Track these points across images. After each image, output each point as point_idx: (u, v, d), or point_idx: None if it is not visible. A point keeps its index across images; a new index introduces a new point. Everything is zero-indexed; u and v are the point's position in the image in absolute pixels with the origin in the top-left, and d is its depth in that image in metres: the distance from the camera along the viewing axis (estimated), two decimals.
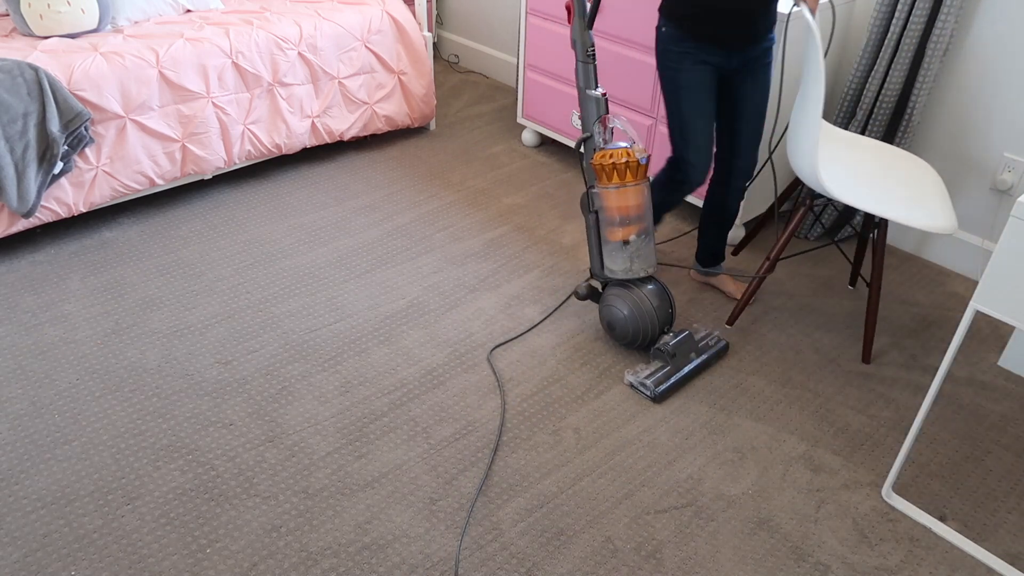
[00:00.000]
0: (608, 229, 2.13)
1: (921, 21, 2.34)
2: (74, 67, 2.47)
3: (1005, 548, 1.76)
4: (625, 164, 2.03)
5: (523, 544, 1.74)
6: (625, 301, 2.16)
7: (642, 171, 2.06)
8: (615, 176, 2.05)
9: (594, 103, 2.11)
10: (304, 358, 2.23)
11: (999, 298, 1.52)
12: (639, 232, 2.11)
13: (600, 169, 2.06)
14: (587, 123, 2.13)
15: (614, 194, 2.07)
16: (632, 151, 2.04)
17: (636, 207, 2.08)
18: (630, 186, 2.06)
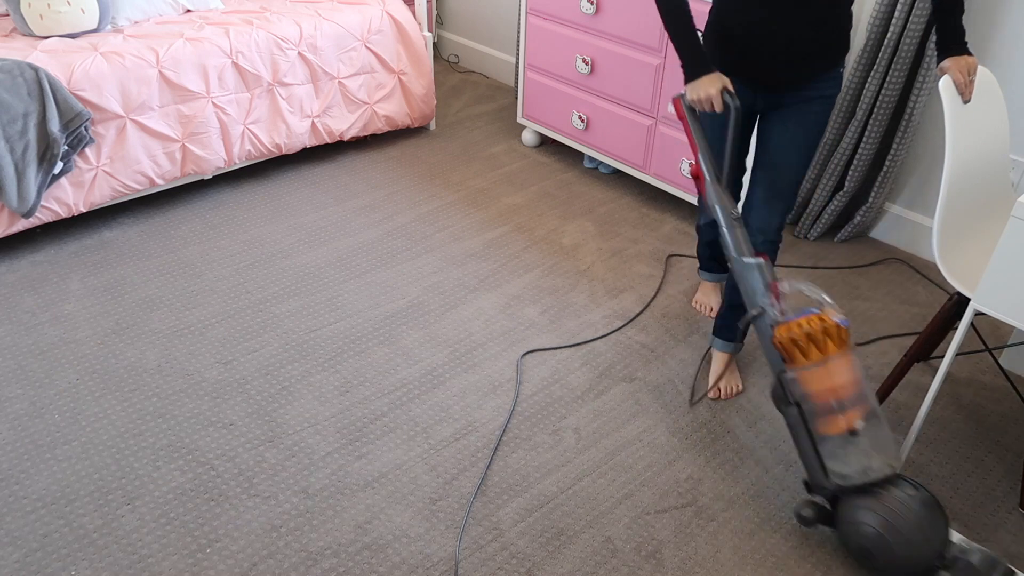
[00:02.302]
0: (821, 420, 1.61)
1: (921, 21, 2.34)
2: (74, 67, 2.47)
3: (1005, 548, 1.76)
4: (823, 332, 1.57)
5: (523, 544, 1.74)
6: (878, 515, 1.58)
7: (844, 337, 1.59)
8: (812, 351, 1.59)
9: (757, 272, 1.71)
10: (304, 358, 2.23)
11: (999, 298, 1.52)
12: (865, 415, 1.59)
13: (790, 346, 1.61)
14: (752, 298, 1.73)
15: (817, 374, 1.59)
16: (825, 314, 1.59)
17: (851, 384, 1.58)
18: (834, 359, 1.58)
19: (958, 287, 1.71)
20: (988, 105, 1.78)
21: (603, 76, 2.92)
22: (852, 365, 1.60)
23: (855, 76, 2.56)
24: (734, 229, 1.75)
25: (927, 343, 1.93)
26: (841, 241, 2.83)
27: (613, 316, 2.42)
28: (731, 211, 1.76)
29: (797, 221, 2.90)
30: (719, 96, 1.70)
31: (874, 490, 1.60)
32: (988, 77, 1.77)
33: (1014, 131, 2.42)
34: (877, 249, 2.80)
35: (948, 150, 1.66)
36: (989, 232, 1.86)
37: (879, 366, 2.27)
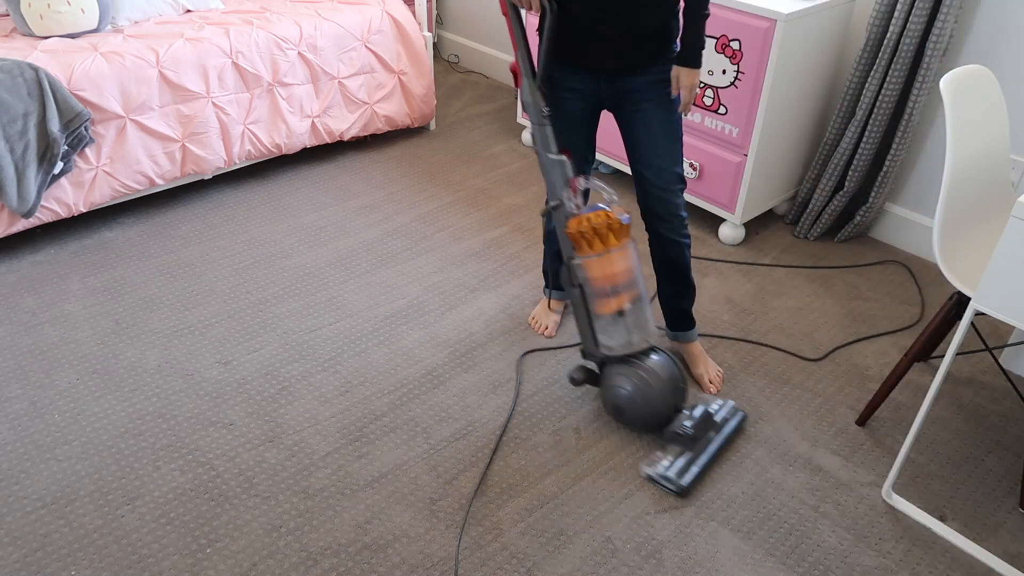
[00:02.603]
0: (597, 302, 1.87)
1: (921, 21, 2.34)
2: (74, 67, 2.47)
3: (1005, 548, 1.76)
4: (607, 227, 1.78)
5: (523, 544, 1.74)
6: (630, 380, 1.91)
7: (625, 232, 1.82)
8: (596, 242, 1.80)
9: (559, 167, 1.86)
10: (304, 358, 2.23)
11: (999, 298, 1.52)
12: (632, 299, 1.86)
13: (578, 237, 1.81)
14: (553, 190, 1.89)
15: (598, 262, 1.82)
16: (611, 211, 1.80)
17: (625, 272, 1.83)
18: (615, 251, 1.80)
19: (959, 287, 1.71)
20: (988, 105, 1.78)
21: None
22: (628, 256, 1.83)
23: (855, 76, 2.56)
24: (543, 127, 1.85)
25: (927, 343, 1.93)
26: (841, 241, 2.83)
27: None
28: (542, 109, 1.84)
29: (797, 221, 2.90)
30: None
31: (631, 360, 1.91)
32: (988, 77, 1.77)
33: (1014, 131, 2.42)
34: (877, 249, 2.80)
35: (948, 150, 1.66)
36: (989, 232, 1.86)
37: (879, 366, 2.27)
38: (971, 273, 1.75)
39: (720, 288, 2.57)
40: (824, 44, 2.57)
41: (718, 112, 2.60)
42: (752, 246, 2.80)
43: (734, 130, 2.59)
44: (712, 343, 2.33)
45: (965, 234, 1.81)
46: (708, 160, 2.70)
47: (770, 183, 2.76)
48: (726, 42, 2.48)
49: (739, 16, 2.42)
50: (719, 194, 2.73)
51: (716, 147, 2.67)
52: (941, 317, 1.89)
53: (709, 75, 2.57)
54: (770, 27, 2.35)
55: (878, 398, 2.02)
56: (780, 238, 2.85)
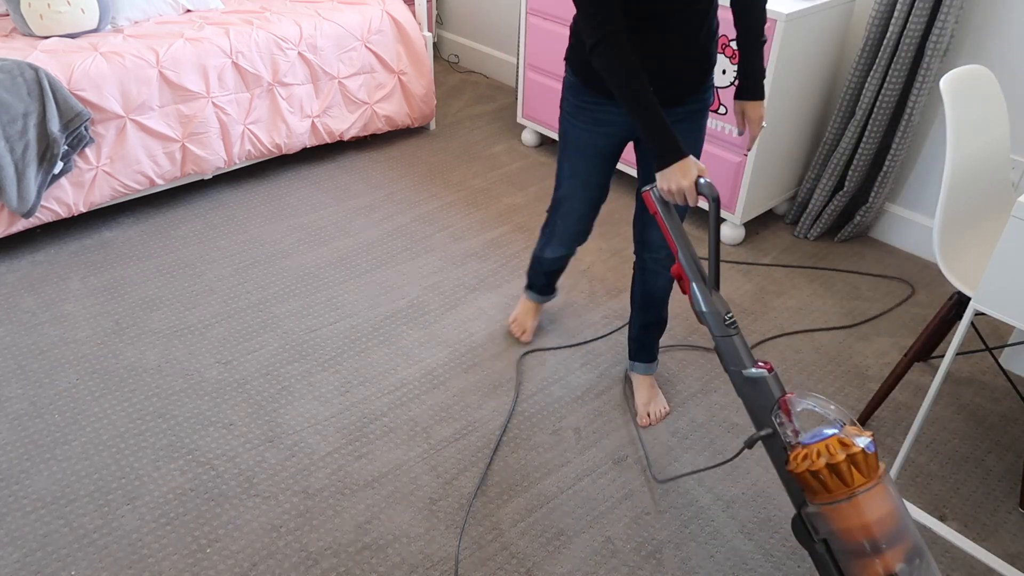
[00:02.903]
0: (855, 565, 1.34)
1: (921, 21, 2.34)
2: (74, 67, 2.47)
3: (1005, 548, 1.76)
4: (847, 460, 1.30)
5: (523, 544, 1.74)
6: None
7: (873, 463, 1.32)
8: (834, 482, 1.32)
9: (763, 387, 1.46)
10: (304, 358, 2.23)
11: (999, 298, 1.52)
12: (907, 554, 1.32)
13: (810, 479, 1.35)
14: (759, 418, 1.48)
15: (845, 509, 1.32)
16: (846, 438, 1.32)
17: (887, 518, 1.31)
18: (863, 492, 1.31)
19: (959, 287, 1.71)
20: (988, 105, 1.78)
21: None
22: (886, 496, 1.33)
23: (854, 76, 2.56)
24: (730, 338, 1.51)
25: (927, 343, 1.93)
26: (841, 241, 2.83)
27: (613, 316, 2.42)
28: (724, 316, 1.52)
29: (797, 221, 2.90)
30: (693, 188, 1.48)
31: None
32: (988, 77, 1.77)
33: (1014, 131, 2.42)
34: (877, 249, 2.80)
35: (948, 150, 1.67)
36: (989, 232, 1.86)
37: (879, 366, 2.27)
38: (971, 273, 1.75)
39: (720, 288, 2.57)
40: (824, 44, 2.57)
41: (718, 112, 2.60)
42: (752, 246, 2.80)
43: (734, 130, 2.59)
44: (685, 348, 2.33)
45: (965, 234, 1.81)
46: (708, 160, 2.70)
47: (770, 183, 2.76)
48: (726, 42, 2.48)
49: None
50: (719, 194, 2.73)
51: (716, 147, 2.67)
52: (941, 317, 1.89)
53: None
54: (770, 27, 2.35)
55: (878, 398, 2.02)
56: (780, 238, 2.85)
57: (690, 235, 2.84)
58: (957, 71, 1.71)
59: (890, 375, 1.99)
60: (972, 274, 1.75)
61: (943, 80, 1.68)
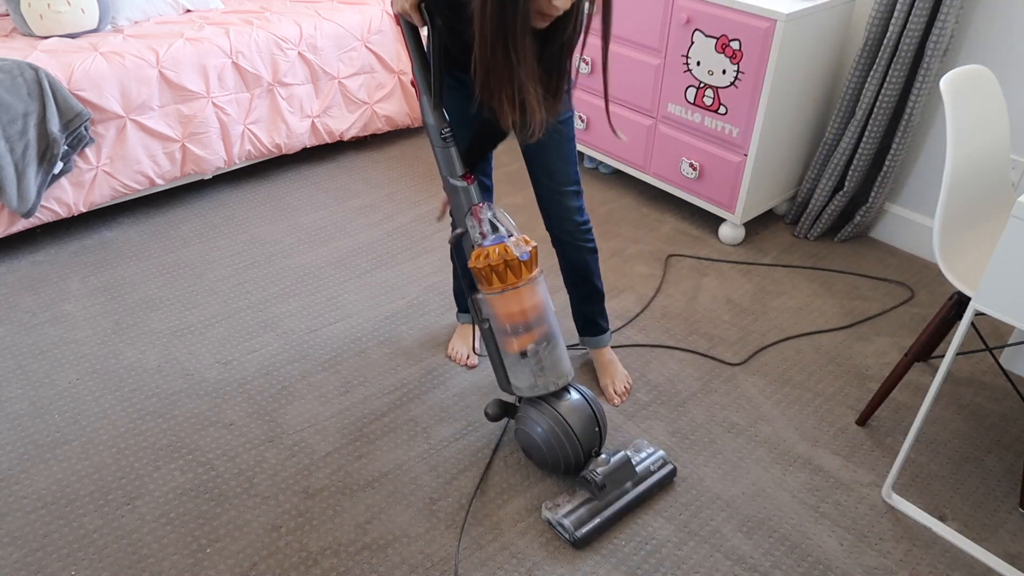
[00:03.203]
0: (503, 340, 1.76)
1: (921, 21, 2.34)
2: (74, 67, 2.47)
3: (1005, 548, 1.76)
4: (504, 263, 1.65)
5: (523, 544, 1.74)
6: (538, 422, 1.78)
7: (526, 268, 1.67)
8: (494, 279, 1.67)
9: (461, 193, 1.74)
10: (304, 358, 2.23)
11: (999, 298, 1.52)
12: (539, 339, 1.73)
13: (478, 273, 1.69)
14: (458, 218, 1.77)
15: (501, 299, 1.69)
16: (508, 245, 1.66)
17: (527, 311, 1.70)
18: (520, 286, 1.68)
19: (959, 287, 1.71)
20: (988, 105, 1.78)
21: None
22: (535, 292, 1.71)
23: (854, 76, 2.56)
24: (446, 148, 1.71)
25: (927, 343, 1.93)
26: (841, 241, 2.83)
27: (613, 316, 2.42)
28: (442, 129, 1.69)
29: (797, 221, 2.90)
30: (415, 10, 1.59)
31: (540, 401, 1.79)
32: (988, 77, 1.77)
33: (1014, 131, 2.42)
34: (877, 249, 2.80)
35: (948, 150, 1.66)
36: (989, 232, 1.86)
37: (879, 366, 2.27)
38: (971, 273, 1.75)
39: (720, 288, 2.57)
40: (824, 44, 2.57)
41: (718, 112, 2.60)
42: (752, 246, 2.80)
43: (734, 130, 2.59)
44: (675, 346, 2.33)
45: (965, 234, 1.81)
46: (708, 160, 2.70)
47: (770, 183, 2.76)
48: (726, 42, 2.48)
49: (739, 16, 2.42)
50: (719, 194, 2.73)
51: (716, 147, 2.67)
52: (941, 317, 1.89)
53: (709, 75, 2.57)
54: (770, 27, 2.35)
55: (878, 398, 2.02)
56: (780, 238, 2.85)
57: (689, 235, 2.84)
58: (957, 71, 1.71)
59: (890, 375, 1.99)
60: (972, 274, 1.75)
61: (943, 80, 1.68)
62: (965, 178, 1.74)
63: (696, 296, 2.53)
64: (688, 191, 2.83)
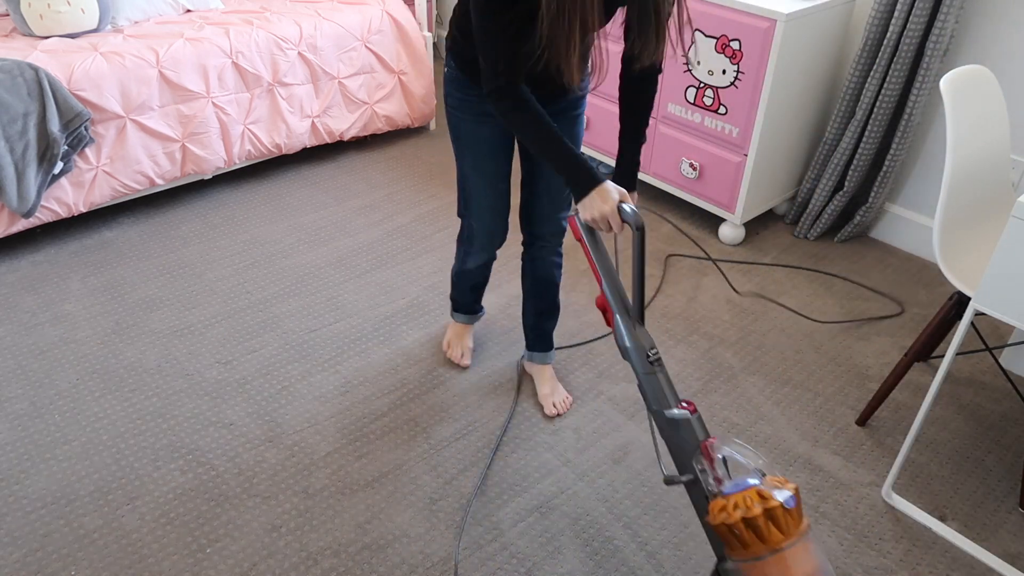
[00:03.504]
0: None
1: (921, 21, 2.34)
2: (74, 67, 2.47)
3: (1005, 548, 1.76)
4: (765, 514, 1.20)
5: (523, 544, 1.74)
6: None
7: (794, 518, 1.22)
8: (751, 537, 1.22)
9: (686, 429, 1.37)
10: (304, 358, 2.23)
11: (999, 298, 1.52)
12: None
13: (725, 533, 1.25)
14: (681, 463, 1.39)
15: (764, 568, 1.22)
16: (765, 490, 1.22)
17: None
18: (788, 547, 1.21)
19: (959, 287, 1.71)
20: (988, 105, 1.78)
21: None
22: (807, 555, 1.23)
23: (854, 76, 2.56)
24: (654, 375, 1.42)
25: (927, 343, 1.93)
26: (841, 241, 2.83)
27: None
28: (648, 352, 1.43)
29: (797, 221, 2.90)
30: (616, 213, 1.43)
31: None
32: (988, 77, 1.77)
33: (1014, 131, 2.42)
34: (877, 249, 2.80)
35: (948, 150, 1.66)
36: (989, 232, 1.86)
37: (879, 366, 2.27)
38: (971, 273, 1.75)
39: (720, 288, 2.57)
40: (824, 44, 2.57)
41: (718, 112, 2.60)
42: (752, 246, 2.80)
43: (734, 130, 2.59)
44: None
45: (965, 234, 1.81)
46: (708, 160, 2.70)
47: (770, 183, 2.76)
48: (726, 42, 2.48)
49: (739, 16, 2.42)
50: (719, 194, 2.73)
51: (716, 147, 2.67)
52: (941, 317, 1.89)
53: (709, 75, 2.57)
54: (770, 27, 2.35)
55: (878, 398, 2.02)
56: (780, 238, 2.85)
57: (689, 235, 2.84)
58: (957, 71, 1.71)
59: (890, 375, 1.99)
60: (972, 274, 1.75)
61: (943, 80, 1.68)
62: (965, 178, 1.74)
63: (696, 296, 2.53)
64: (688, 191, 2.83)
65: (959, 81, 1.71)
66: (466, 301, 2.17)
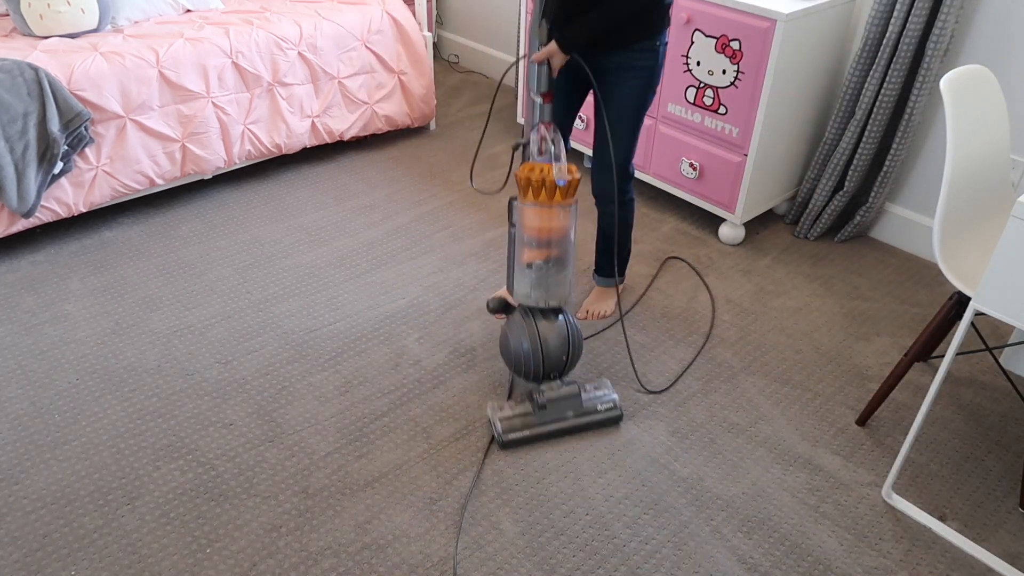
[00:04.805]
0: (520, 247, 1.93)
1: (921, 21, 2.34)
2: (74, 67, 2.47)
3: (1005, 548, 1.76)
4: (540, 182, 1.83)
5: (523, 544, 1.74)
6: (516, 329, 1.97)
7: (560, 194, 1.84)
8: (530, 193, 1.85)
9: (536, 108, 1.92)
10: (304, 358, 2.23)
11: (999, 298, 1.52)
12: (547, 259, 1.91)
13: (520, 182, 1.86)
14: (526, 130, 1.97)
15: (528, 212, 1.88)
16: (552, 170, 1.84)
17: (548, 231, 1.88)
18: (544, 207, 1.85)
19: (959, 287, 1.71)
20: (988, 105, 1.78)
21: None
22: (555, 218, 1.86)
23: (854, 76, 2.56)
24: (539, 66, 1.88)
25: (927, 343, 1.93)
26: (841, 241, 2.83)
27: (612, 315, 2.42)
28: (542, 45, 1.87)
29: (797, 221, 2.90)
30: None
31: (529, 312, 1.98)
32: (988, 77, 1.77)
33: (1014, 131, 2.42)
34: (877, 249, 2.80)
35: (948, 150, 1.66)
36: (989, 232, 1.86)
37: (879, 366, 2.27)
38: (971, 273, 1.75)
39: (720, 288, 2.57)
40: (824, 44, 2.57)
41: (718, 112, 2.60)
42: (752, 246, 2.80)
43: (734, 130, 2.59)
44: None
45: (965, 234, 1.81)
46: (708, 160, 2.70)
47: (770, 183, 2.76)
48: (726, 42, 2.48)
49: (739, 16, 2.42)
50: (719, 194, 2.73)
51: (716, 147, 2.67)
52: (941, 317, 1.88)
53: (709, 75, 2.57)
54: (770, 27, 2.35)
55: (878, 398, 2.02)
56: (780, 238, 2.85)
57: (689, 235, 2.84)
58: (957, 71, 1.71)
59: (890, 375, 1.99)
60: (972, 274, 1.75)
61: (943, 80, 1.68)
62: (965, 178, 1.74)
63: (696, 296, 2.53)
64: (688, 191, 2.83)
65: (959, 81, 1.70)
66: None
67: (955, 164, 1.68)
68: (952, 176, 1.68)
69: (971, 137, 1.72)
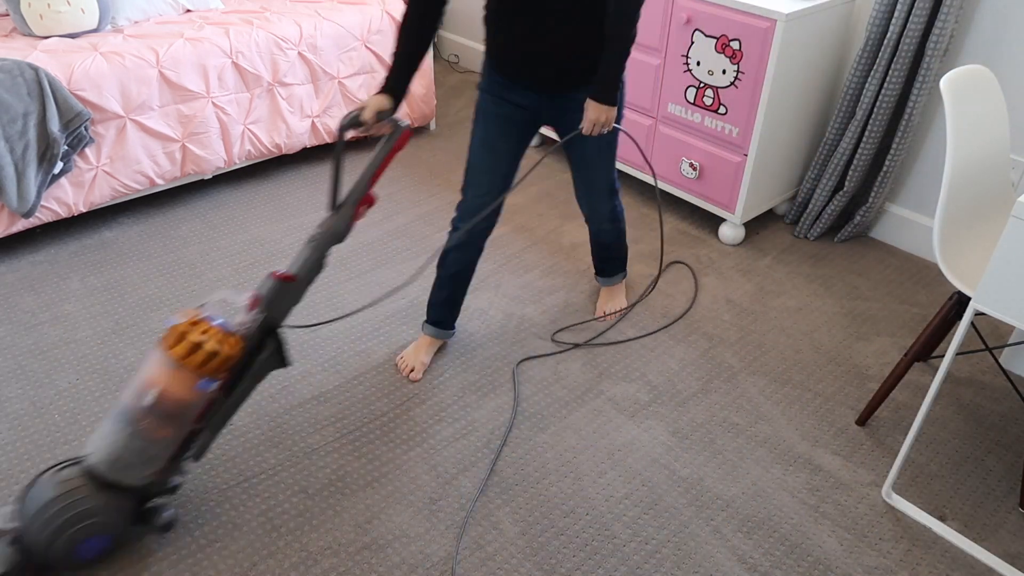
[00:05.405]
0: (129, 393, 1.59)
1: (921, 21, 2.34)
2: (74, 67, 2.47)
3: (1005, 548, 1.76)
4: (197, 345, 1.53)
5: (523, 544, 1.74)
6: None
7: (197, 359, 1.53)
8: (177, 346, 1.54)
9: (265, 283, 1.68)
10: (304, 358, 2.23)
11: (999, 298, 1.52)
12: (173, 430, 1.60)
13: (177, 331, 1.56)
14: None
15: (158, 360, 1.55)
16: (202, 337, 1.53)
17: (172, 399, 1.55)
18: (173, 365, 1.53)
19: (959, 287, 1.71)
20: (988, 105, 1.78)
21: None
22: (183, 385, 1.53)
23: (854, 76, 2.56)
24: (308, 245, 1.70)
25: (927, 343, 1.93)
26: (841, 241, 2.83)
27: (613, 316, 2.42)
28: (317, 229, 1.72)
29: (797, 221, 2.90)
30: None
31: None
32: (988, 77, 1.77)
33: (1014, 131, 2.42)
34: (877, 249, 2.80)
35: (949, 150, 1.67)
36: (989, 232, 1.86)
37: (879, 366, 2.27)
38: (971, 273, 1.75)
39: (720, 288, 2.57)
40: (824, 44, 2.57)
41: (718, 112, 2.60)
42: (752, 246, 2.80)
43: (734, 130, 2.59)
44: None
45: (965, 234, 1.81)
46: (708, 160, 2.70)
47: (770, 183, 2.76)
48: (726, 42, 2.48)
49: (739, 16, 2.42)
50: (719, 194, 2.73)
51: (716, 147, 2.67)
52: (941, 317, 1.89)
53: (709, 75, 2.57)
54: (770, 27, 2.35)
55: (878, 398, 2.02)
56: (780, 238, 2.85)
57: (689, 235, 2.84)
58: (957, 71, 1.71)
59: (890, 375, 1.99)
60: (972, 274, 1.75)
61: (943, 80, 1.68)
62: (965, 178, 1.74)
63: (696, 296, 2.53)
64: (688, 191, 2.83)
65: (959, 81, 1.71)
66: (439, 300, 2.15)
67: (955, 164, 1.68)
68: (952, 176, 1.68)
69: (971, 137, 1.72)
